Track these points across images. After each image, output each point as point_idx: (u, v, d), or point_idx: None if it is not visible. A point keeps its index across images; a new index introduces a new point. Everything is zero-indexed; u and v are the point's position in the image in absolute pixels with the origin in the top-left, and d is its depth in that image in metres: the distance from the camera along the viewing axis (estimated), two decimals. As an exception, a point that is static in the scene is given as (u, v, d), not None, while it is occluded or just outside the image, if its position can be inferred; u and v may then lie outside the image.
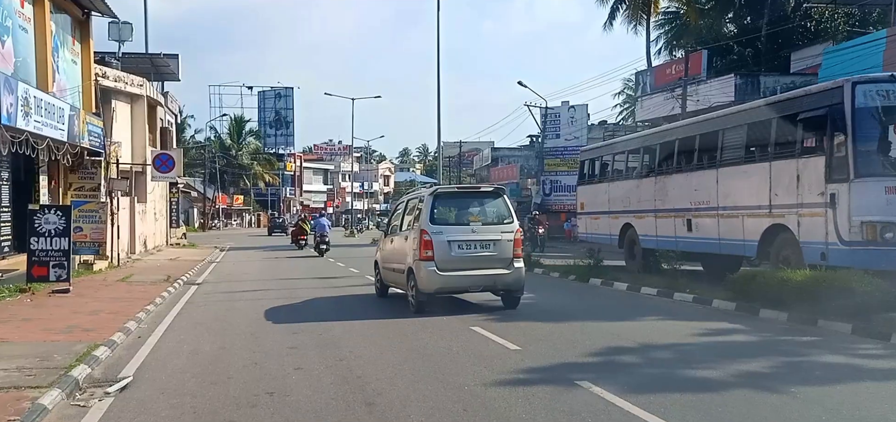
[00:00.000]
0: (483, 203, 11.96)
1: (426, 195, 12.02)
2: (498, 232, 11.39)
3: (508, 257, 11.27)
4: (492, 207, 11.85)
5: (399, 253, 12.33)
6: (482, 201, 12.04)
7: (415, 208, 12.35)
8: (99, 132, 20.04)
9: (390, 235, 13.51)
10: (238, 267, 22.91)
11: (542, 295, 13.47)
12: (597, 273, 15.64)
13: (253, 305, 12.59)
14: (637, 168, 18.23)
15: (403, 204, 13.92)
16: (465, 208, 11.77)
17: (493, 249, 11.25)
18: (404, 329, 9.55)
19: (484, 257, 11.19)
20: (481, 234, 11.35)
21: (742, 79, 32.01)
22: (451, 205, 11.86)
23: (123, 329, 9.56)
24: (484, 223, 11.51)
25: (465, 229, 11.36)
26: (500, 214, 11.75)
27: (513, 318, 10.24)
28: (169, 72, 35.31)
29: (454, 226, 11.41)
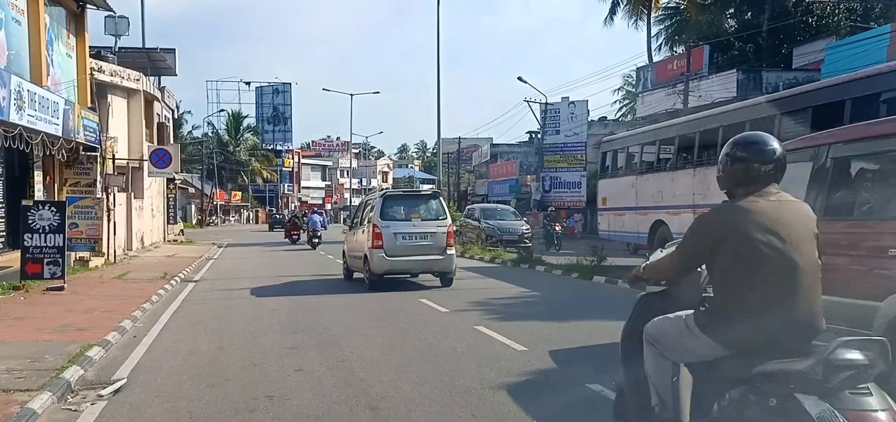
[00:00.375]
0: (423, 203, 14.84)
1: (377, 197, 15.25)
2: (434, 226, 14.22)
3: (442, 246, 14.10)
4: (430, 206, 14.70)
5: (359, 243, 15.04)
6: (422, 202, 14.94)
7: (371, 207, 15.11)
8: (94, 127, 19.75)
9: (353, 229, 16.27)
10: (236, 263, 22.65)
11: (545, 293, 13.26)
12: (600, 271, 15.38)
13: (251, 303, 12.36)
14: (672, 159, 16.65)
15: (363, 204, 17.11)
16: (409, 207, 14.59)
17: (429, 239, 14.06)
18: (406, 330, 9.30)
19: (422, 246, 14.04)
20: (421, 227, 14.12)
21: (744, 74, 31.75)
22: (397, 204, 14.71)
23: (118, 328, 9.30)
24: (423, 219, 14.31)
25: (408, 224, 14.14)
26: (437, 212, 14.60)
27: (517, 317, 10.01)
28: (165, 66, 35.04)
29: (399, 221, 14.16)
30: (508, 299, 12.35)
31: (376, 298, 12.56)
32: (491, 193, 59.06)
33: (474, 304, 11.67)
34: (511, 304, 11.85)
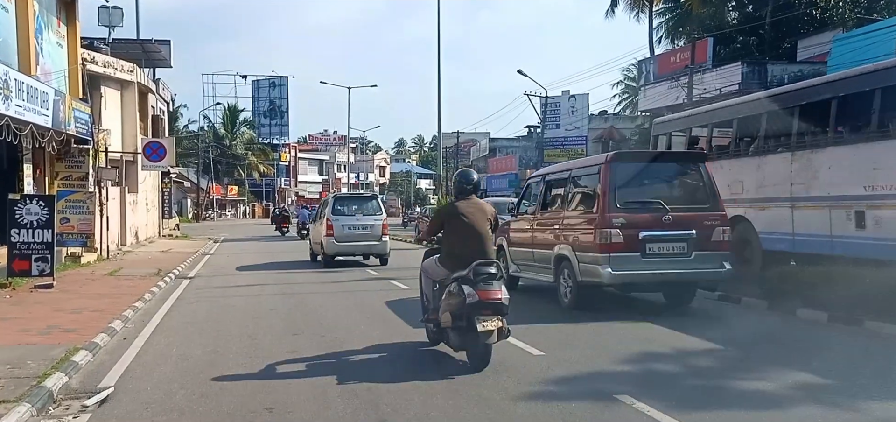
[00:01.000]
0: (365, 203, 19.72)
1: (330, 198, 21.02)
2: (372, 220, 18.66)
3: (379, 235, 18.49)
4: (370, 205, 19.44)
5: (318, 233, 19.57)
6: (364, 202, 19.90)
7: (326, 205, 20.04)
8: (86, 119, 19.18)
9: (315, 222, 21.31)
10: (232, 259, 22.10)
11: (553, 291, 12.70)
12: None
13: (248, 302, 11.83)
14: (757, 141, 12.98)
15: (322, 203, 22.18)
16: (353, 205, 19.38)
17: (368, 230, 18.50)
18: (412, 334, 8.77)
19: (363, 235, 18.50)
20: (362, 221, 18.62)
21: (749, 67, 31.26)
22: (345, 203, 19.57)
23: (107, 330, 8.76)
24: (363, 214, 18.86)
25: (352, 218, 18.69)
26: (375, 209, 19.23)
27: (531, 319, 9.48)
28: (160, 58, 34.39)
29: (346, 216, 18.71)
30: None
31: (379, 298, 12.05)
32: (490, 188, 58.51)
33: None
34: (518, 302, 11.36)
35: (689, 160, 11.28)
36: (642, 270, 9.63)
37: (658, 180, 10.60)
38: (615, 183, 9.87)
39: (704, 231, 9.74)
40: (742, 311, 10.23)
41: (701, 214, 9.91)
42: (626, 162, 10.77)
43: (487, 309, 6.55)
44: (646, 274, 9.67)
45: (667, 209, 9.72)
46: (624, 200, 9.81)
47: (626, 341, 7.99)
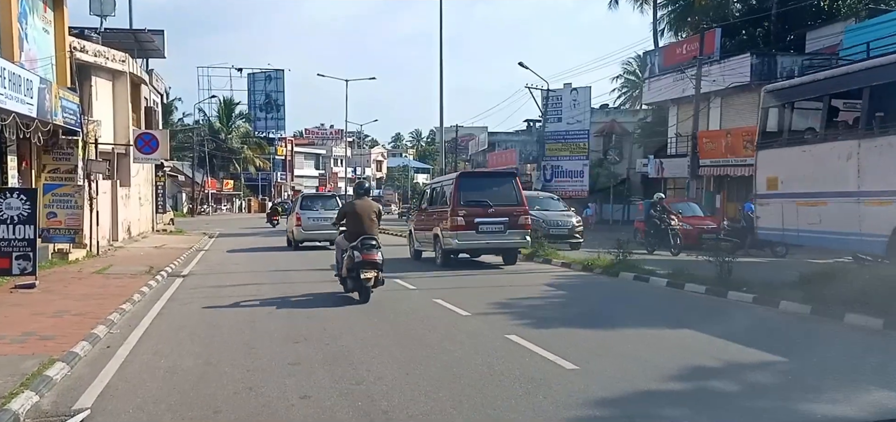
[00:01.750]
0: (326, 200, 24.42)
1: (300, 196, 26.61)
2: (332, 214, 18.86)
3: None
4: (330, 202, 23.72)
5: (291, 223, 24.34)
6: (326, 199, 25.08)
7: (299, 203, 24.65)
8: (74, 109, 18.28)
9: (288, 215, 26.93)
10: (227, 255, 21.29)
11: (573, 294, 11.89)
12: (627, 267, 13.96)
13: (246, 303, 10.98)
14: None
15: (294, 201, 27.79)
16: (317, 202, 24.52)
17: (328, 222, 19.57)
18: (427, 339, 7.98)
19: (323, 226, 21.56)
20: (323, 214, 22.25)
21: (758, 59, 30.46)
22: (310, 200, 25.04)
23: (90, 337, 7.93)
24: (324, 210, 22.93)
25: (315, 212, 23.29)
26: (334, 205, 22.43)
27: (551, 323, 8.70)
28: (153, 48, 33.39)
29: (311, 210, 23.49)
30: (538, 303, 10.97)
31: (385, 301, 11.23)
32: (490, 182, 57.78)
33: (497, 306, 10.35)
34: (538, 306, 10.54)
35: (506, 176, 19.23)
36: (477, 241, 16.17)
37: (487, 188, 17.03)
38: (460, 190, 16.36)
39: (513, 218, 16.18)
40: (783, 316, 9.39)
41: (511, 208, 16.23)
42: (468, 178, 18.98)
43: (367, 265, 10.63)
44: (479, 243, 16.32)
45: (491, 205, 16.11)
46: (465, 200, 16.15)
47: (665, 351, 7.19)
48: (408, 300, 11.18)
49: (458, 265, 16.11)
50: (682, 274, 12.26)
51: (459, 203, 15.99)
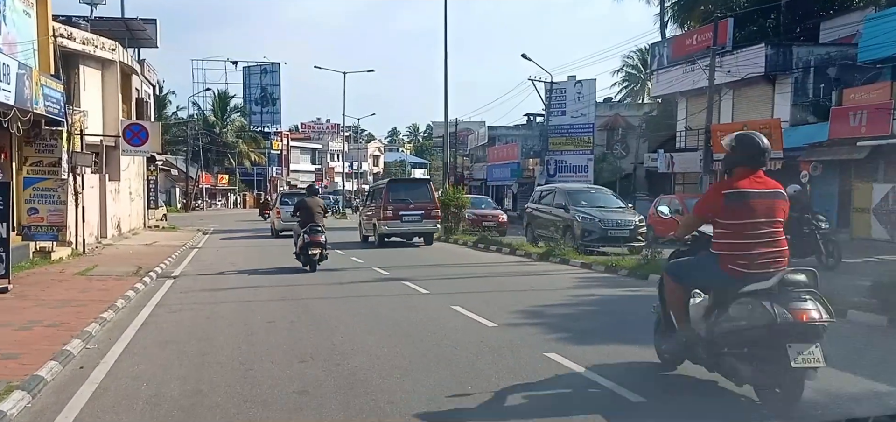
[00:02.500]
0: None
1: (279, 193, 33.97)
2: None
3: None
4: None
5: (273, 215, 29.05)
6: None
7: (278, 199, 29.60)
8: (58, 97, 17.10)
9: (271, 210, 31.77)
10: (222, 253, 20.16)
11: (605, 300, 10.69)
12: (657, 269, 12.70)
13: (241, 310, 9.85)
14: None
15: (275, 196, 35.72)
16: (293, 198, 24.40)
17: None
18: (454, 357, 6.86)
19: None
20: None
21: (773, 49, 29.38)
22: (288, 196, 28.55)
23: (61, 355, 6.80)
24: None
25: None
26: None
27: (592, 338, 7.58)
28: (145, 37, 32.17)
29: (288, 205, 24.44)
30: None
31: (396, 305, 10.13)
32: (490, 178, 56.66)
33: (523, 313, 9.24)
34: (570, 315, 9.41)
35: (422, 181, 27.86)
36: (400, 227, 21.46)
37: (409, 190, 22.91)
38: (390, 192, 21.82)
39: (427, 211, 21.63)
40: (859, 329, 8.06)
41: (426, 204, 21.82)
42: (395, 183, 24.79)
43: (314, 245, 14.43)
44: (403, 229, 21.57)
45: (411, 202, 21.50)
46: (393, 199, 21.45)
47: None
48: (423, 308, 10.05)
49: (390, 245, 21.85)
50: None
51: (389, 201, 21.63)
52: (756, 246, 5.21)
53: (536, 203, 21.62)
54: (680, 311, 5.74)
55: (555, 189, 21.74)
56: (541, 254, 17.00)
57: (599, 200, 19.88)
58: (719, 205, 5.34)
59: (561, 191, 20.91)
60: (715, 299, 5.50)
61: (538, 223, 20.65)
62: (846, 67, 28.07)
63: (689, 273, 5.79)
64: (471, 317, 8.86)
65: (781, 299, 4.92)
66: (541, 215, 20.61)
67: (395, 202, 21.48)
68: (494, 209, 30.33)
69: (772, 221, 5.27)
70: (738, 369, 5.21)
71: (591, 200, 19.65)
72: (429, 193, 22.82)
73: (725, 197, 5.29)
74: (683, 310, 5.72)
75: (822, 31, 32.47)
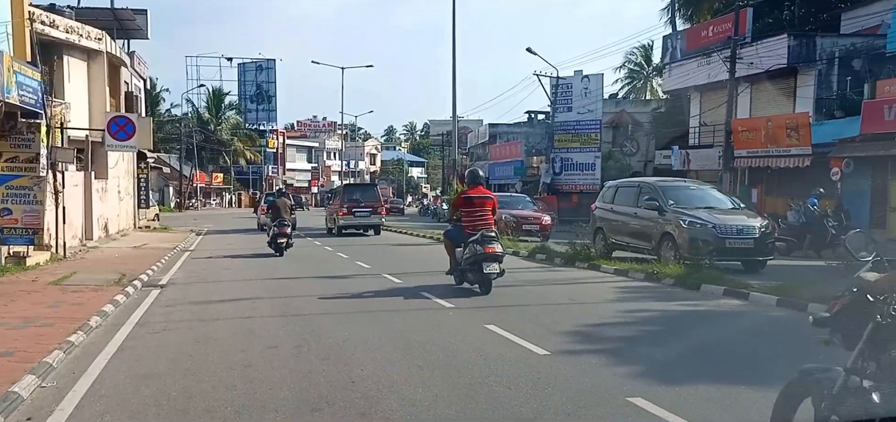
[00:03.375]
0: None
1: (265, 194, 38.74)
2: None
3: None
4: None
5: (260, 213, 31.53)
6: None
7: (263, 198, 33.53)
8: (36, 87, 15.56)
9: (259, 206, 35.20)
10: (216, 256, 18.65)
11: (662, 317, 9.14)
12: (709, 278, 11.17)
13: (237, 330, 8.33)
14: None
15: (261, 197, 41.22)
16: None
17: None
18: (510, 401, 5.37)
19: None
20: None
21: (796, 40, 27.92)
22: (271, 196, 28.17)
23: (4, 400, 5.30)
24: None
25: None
26: (296, 202, 28.16)
27: (673, 374, 6.10)
28: (135, 28, 30.59)
29: None
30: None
31: (419, 323, 8.63)
32: (492, 176, 55.09)
33: (574, 336, 7.75)
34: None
35: (371, 185, 36.93)
36: (354, 220, 27.58)
37: (361, 191, 30.36)
38: (345, 192, 29.53)
39: (374, 208, 27.89)
40: None
41: (374, 202, 28.07)
42: (349, 187, 35.42)
43: (281, 235, 18.30)
44: (356, 222, 27.65)
45: (362, 201, 27.86)
46: (347, 199, 28.06)
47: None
48: (452, 327, 8.55)
49: (349, 236, 26.75)
50: (794, 289, 9.61)
51: (345, 200, 28.11)
52: (475, 220, 11.03)
53: (609, 203, 16.95)
54: (452, 253, 11.38)
55: (639, 184, 17.13)
56: (565, 258, 15.51)
57: (705, 199, 15.31)
58: (461, 202, 11.63)
59: (650, 186, 16.03)
60: (463, 246, 11.02)
61: (613, 229, 16.23)
62: (873, 58, 26.72)
63: (452, 234, 11.59)
64: (514, 341, 7.34)
65: (482, 243, 10.57)
66: (617, 219, 16.18)
67: (350, 201, 27.97)
68: (534, 210, 26.29)
69: (483, 210, 11.15)
70: (469, 277, 10.92)
71: (694, 199, 15.13)
72: (376, 194, 29.77)
73: (463, 199, 11.54)
74: (454, 253, 11.31)
75: (843, 21, 31.07)
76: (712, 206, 14.79)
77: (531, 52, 41.87)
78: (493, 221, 11.21)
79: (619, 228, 16.00)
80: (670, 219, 14.13)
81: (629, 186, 17.37)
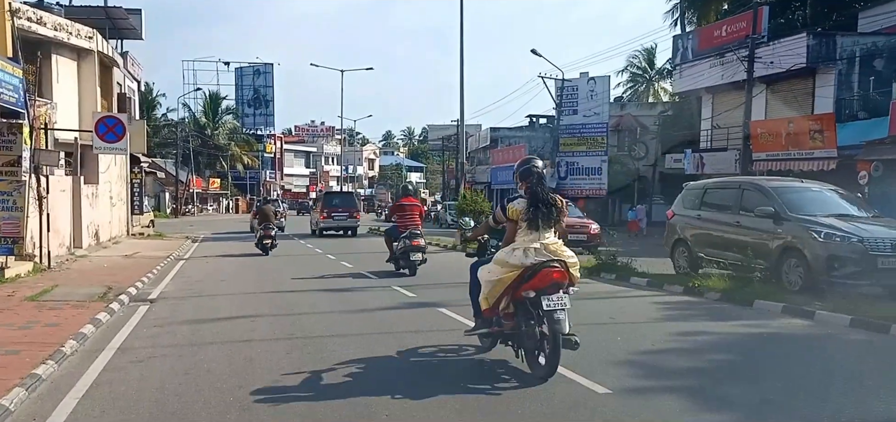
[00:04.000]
0: (275, 202, 35.58)
1: (257, 200, 41.17)
2: (278, 210, 30.64)
3: (281, 224, 30.96)
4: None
5: (251, 218, 31.62)
6: (274, 202, 36.60)
7: (255, 204, 37.71)
8: (16, 84, 14.47)
9: (252, 212, 34.64)
10: (212, 266, 17.48)
11: (737, 346, 7.84)
12: (763, 293, 9.90)
13: (234, 357, 7.16)
14: None
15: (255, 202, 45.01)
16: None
17: (281, 218, 31.61)
18: None
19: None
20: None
21: (815, 40, 26.87)
22: (263, 203, 26.23)
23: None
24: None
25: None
26: (281, 205, 42.15)
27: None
28: (128, 27, 29.50)
29: None
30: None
31: (445, 350, 7.50)
32: (494, 181, 54.04)
33: (633, 368, 6.61)
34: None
35: (349, 194, 40.21)
36: (332, 223, 30.93)
37: (339, 197, 34.56)
38: (325, 197, 33.73)
39: (351, 213, 31.60)
40: None
41: (350, 208, 31.94)
42: (328, 193, 37.64)
43: (266, 237, 20.63)
44: (334, 224, 31.02)
45: (340, 206, 31.69)
46: (327, 205, 31.62)
47: None
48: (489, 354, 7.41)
49: (329, 237, 29.37)
50: (866, 307, 8.45)
51: (325, 206, 31.53)
52: (406, 221, 14.85)
53: (694, 209, 14.06)
54: (390, 246, 15.06)
55: (739, 185, 13.76)
56: (587, 268, 14.37)
57: (831, 204, 12.18)
58: (396, 209, 15.84)
59: (758, 187, 12.80)
60: (397, 241, 14.68)
61: (702, 241, 13.47)
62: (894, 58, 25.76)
63: (391, 232, 15.20)
64: (567, 376, 6.13)
65: (410, 238, 14.43)
66: (708, 229, 13.36)
67: (329, 206, 31.38)
68: (581, 217, 23.62)
69: (412, 214, 15.03)
70: (401, 264, 14.61)
71: (818, 204, 12.03)
72: (353, 200, 34.50)
73: (397, 206, 15.73)
74: (391, 245, 14.99)
75: (860, 19, 30.05)
76: (843, 212, 11.78)
77: (536, 54, 40.78)
78: (419, 222, 15.21)
79: (712, 240, 13.04)
80: (794, 230, 11.17)
81: (725, 187, 14.29)
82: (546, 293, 5.97)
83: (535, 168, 6.56)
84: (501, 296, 6.25)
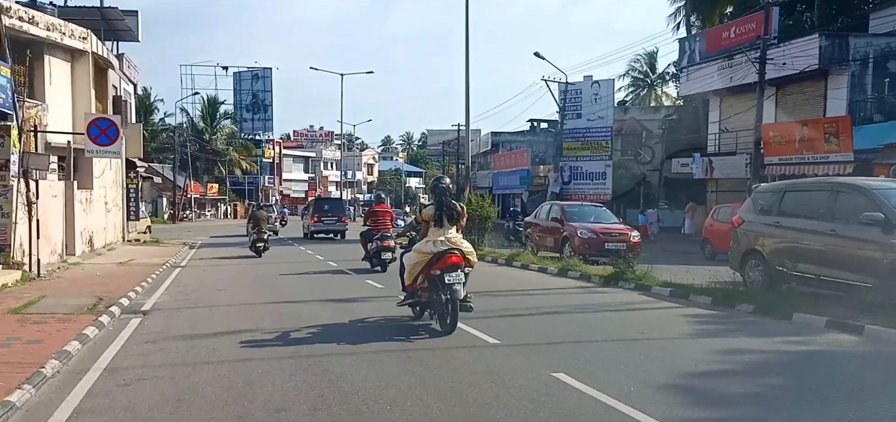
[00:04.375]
0: (269, 208, 36.82)
1: (253, 206, 32.08)
2: (272, 215, 35.42)
3: (275, 227, 35.00)
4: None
5: (246, 222, 27.85)
6: (269, 207, 37.99)
7: (251, 209, 29.61)
8: (4, 84, 13.79)
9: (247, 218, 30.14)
10: (209, 274, 16.80)
11: (791, 368, 7.08)
12: (797, 302, 9.19)
13: (232, 380, 6.46)
14: None
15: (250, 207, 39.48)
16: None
17: (270, 222, 29.35)
18: None
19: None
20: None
21: (828, 40, 26.28)
22: (257, 208, 25.73)
23: None
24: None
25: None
26: (271, 211, 38.15)
27: None
28: (124, 29, 28.84)
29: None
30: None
31: (464, 371, 6.81)
32: (496, 185, 53.40)
33: (680, 393, 5.92)
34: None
35: (338, 200, 43.93)
36: (322, 227, 33.23)
37: (329, 203, 37.13)
38: (317, 203, 35.88)
39: (339, 217, 34.07)
40: None
41: (339, 213, 34.62)
42: (319, 199, 40.27)
43: (259, 240, 21.95)
44: (324, 227, 33.31)
45: (330, 212, 34.19)
46: (318, 209, 34.29)
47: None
48: (511, 376, 6.71)
49: (318, 240, 31.00)
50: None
51: (315, 210, 33.70)
52: (378, 225, 17.15)
53: (772, 215, 11.93)
54: (365, 247, 17.17)
55: (831, 186, 11.44)
56: (604, 277, 13.68)
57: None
58: (369, 214, 17.88)
59: (855, 188, 10.86)
60: (371, 242, 16.95)
61: (784, 253, 11.36)
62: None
63: (366, 234, 17.34)
64: (606, 403, 5.45)
65: (381, 240, 16.72)
66: (792, 239, 11.33)
67: (319, 211, 33.57)
68: (618, 223, 21.29)
69: (383, 219, 17.38)
70: (374, 262, 16.80)
71: None
72: (342, 206, 37.11)
73: (370, 212, 18.03)
74: (366, 246, 17.09)
75: (872, 21, 29.48)
76: None
77: (539, 57, 40.30)
78: (390, 226, 17.38)
79: (798, 252, 11.01)
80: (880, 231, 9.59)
81: (812, 189, 12.13)
82: (448, 271, 8.43)
83: (442, 184, 9.26)
84: (419, 274, 8.77)
